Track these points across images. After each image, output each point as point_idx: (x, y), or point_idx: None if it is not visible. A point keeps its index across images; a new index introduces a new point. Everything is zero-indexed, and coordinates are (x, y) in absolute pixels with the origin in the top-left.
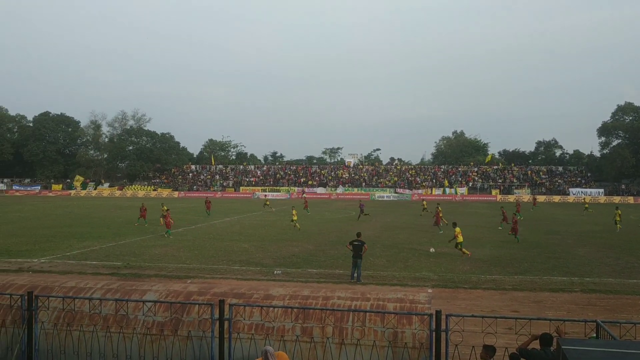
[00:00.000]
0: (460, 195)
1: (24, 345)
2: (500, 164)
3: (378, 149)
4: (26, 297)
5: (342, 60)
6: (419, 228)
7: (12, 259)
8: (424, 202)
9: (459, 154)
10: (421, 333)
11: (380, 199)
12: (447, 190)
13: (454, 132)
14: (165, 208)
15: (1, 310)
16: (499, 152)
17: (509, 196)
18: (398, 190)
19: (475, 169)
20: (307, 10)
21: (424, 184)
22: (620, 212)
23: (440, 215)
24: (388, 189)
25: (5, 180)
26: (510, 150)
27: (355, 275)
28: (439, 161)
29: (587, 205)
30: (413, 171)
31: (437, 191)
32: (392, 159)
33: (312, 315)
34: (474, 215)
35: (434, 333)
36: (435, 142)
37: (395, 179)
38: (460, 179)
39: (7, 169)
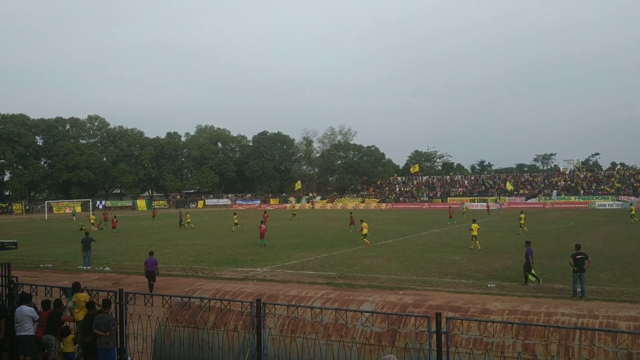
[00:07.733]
0: None
1: (253, 349)
2: None
3: (597, 154)
4: (255, 305)
5: (550, 60)
6: None
7: (238, 268)
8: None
9: None
10: None
11: (601, 207)
12: None
13: None
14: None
15: (234, 316)
16: None
17: None
18: (622, 197)
19: None
20: (507, 11)
21: None
22: None
23: (352, 217)
24: (610, 197)
25: (230, 195)
26: None
27: (579, 290)
28: None
29: None
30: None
31: None
32: (614, 164)
33: (534, 332)
34: None
35: None
36: None
37: (618, 185)
38: None
39: (231, 185)
